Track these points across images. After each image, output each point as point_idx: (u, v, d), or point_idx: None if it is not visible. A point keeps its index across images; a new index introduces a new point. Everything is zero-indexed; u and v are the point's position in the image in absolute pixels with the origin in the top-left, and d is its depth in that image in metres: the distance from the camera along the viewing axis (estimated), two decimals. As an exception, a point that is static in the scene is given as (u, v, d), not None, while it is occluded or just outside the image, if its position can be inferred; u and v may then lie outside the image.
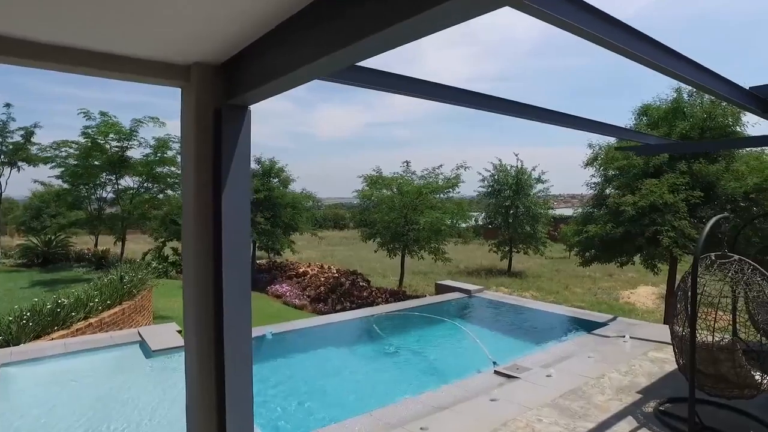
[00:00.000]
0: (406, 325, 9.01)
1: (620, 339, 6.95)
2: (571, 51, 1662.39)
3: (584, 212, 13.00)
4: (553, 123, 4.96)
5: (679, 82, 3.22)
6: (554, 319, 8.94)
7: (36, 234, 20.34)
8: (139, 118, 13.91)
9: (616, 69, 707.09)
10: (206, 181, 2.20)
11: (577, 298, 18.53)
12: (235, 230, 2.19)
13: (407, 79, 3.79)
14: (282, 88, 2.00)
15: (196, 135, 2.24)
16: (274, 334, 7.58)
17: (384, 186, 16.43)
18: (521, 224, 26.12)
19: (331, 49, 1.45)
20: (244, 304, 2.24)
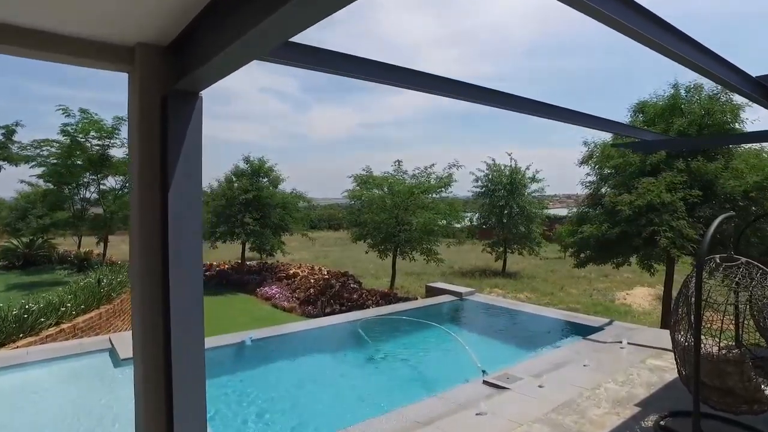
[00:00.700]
0: (393, 330, 8.64)
1: (617, 345, 6.60)
2: (566, 52, 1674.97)
3: (579, 212, 12.66)
4: (548, 117, 4.66)
5: (682, 65, 2.85)
6: (548, 323, 8.59)
7: (16, 235, 19.82)
8: (121, 116, 13.46)
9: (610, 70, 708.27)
10: (153, 176, 2.06)
11: (572, 300, 18.22)
12: (185, 230, 2.07)
13: (389, 67, 3.45)
14: (233, 67, 1.83)
15: (142, 125, 2.09)
16: (254, 339, 7.19)
17: (375, 186, 16.05)
18: (516, 224, 25.81)
19: (274, 18, 1.29)
20: (195, 312, 2.15)
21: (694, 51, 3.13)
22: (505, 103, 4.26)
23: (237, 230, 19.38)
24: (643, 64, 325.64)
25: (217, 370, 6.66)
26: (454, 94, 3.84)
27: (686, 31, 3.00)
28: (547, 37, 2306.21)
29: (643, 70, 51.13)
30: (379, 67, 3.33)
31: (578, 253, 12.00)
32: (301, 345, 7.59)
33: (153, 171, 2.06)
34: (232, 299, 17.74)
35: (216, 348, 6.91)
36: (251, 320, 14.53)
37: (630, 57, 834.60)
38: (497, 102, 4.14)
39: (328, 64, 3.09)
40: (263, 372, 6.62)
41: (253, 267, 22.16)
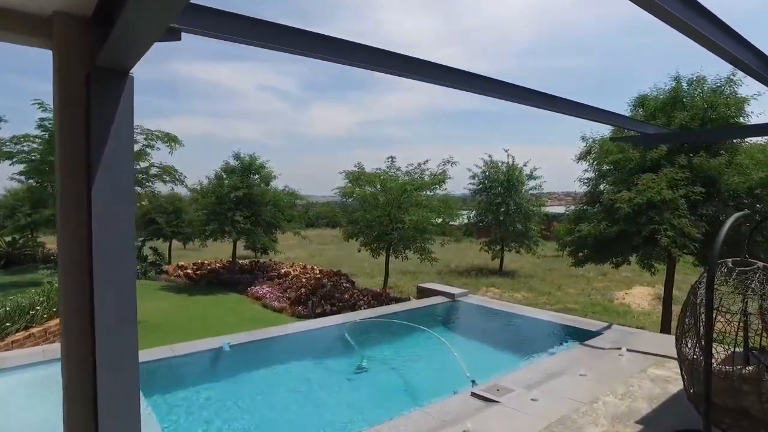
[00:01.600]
0: (381, 334, 8.22)
1: (616, 352, 6.18)
2: (564, 51, 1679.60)
3: (577, 210, 12.22)
4: (549, 108, 4.34)
5: (692, 39, 2.42)
6: (543, 327, 8.17)
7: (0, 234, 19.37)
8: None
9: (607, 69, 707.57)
10: (76, 164, 1.88)
11: (570, 299, 17.82)
12: (113, 225, 1.89)
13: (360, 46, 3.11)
14: (158, 37, 1.67)
15: (64, 107, 1.90)
16: (232, 345, 6.74)
17: (367, 183, 15.60)
18: (513, 222, 25.43)
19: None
20: (126, 315, 2.00)
21: (705, 22, 2.72)
22: (507, 93, 3.98)
23: (227, 228, 18.92)
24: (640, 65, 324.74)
25: (188, 379, 6.23)
26: (453, 83, 3.56)
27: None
28: (546, 36, 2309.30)
29: (641, 70, 50.26)
30: (376, 54, 3.14)
31: (576, 253, 11.57)
32: (283, 351, 7.16)
33: (76, 159, 1.88)
34: (222, 299, 17.31)
35: (190, 354, 6.48)
36: (239, 321, 14.10)
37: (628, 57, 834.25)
38: (498, 92, 3.86)
39: (319, 50, 2.91)
40: (238, 381, 6.19)
41: (246, 266, 21.74)
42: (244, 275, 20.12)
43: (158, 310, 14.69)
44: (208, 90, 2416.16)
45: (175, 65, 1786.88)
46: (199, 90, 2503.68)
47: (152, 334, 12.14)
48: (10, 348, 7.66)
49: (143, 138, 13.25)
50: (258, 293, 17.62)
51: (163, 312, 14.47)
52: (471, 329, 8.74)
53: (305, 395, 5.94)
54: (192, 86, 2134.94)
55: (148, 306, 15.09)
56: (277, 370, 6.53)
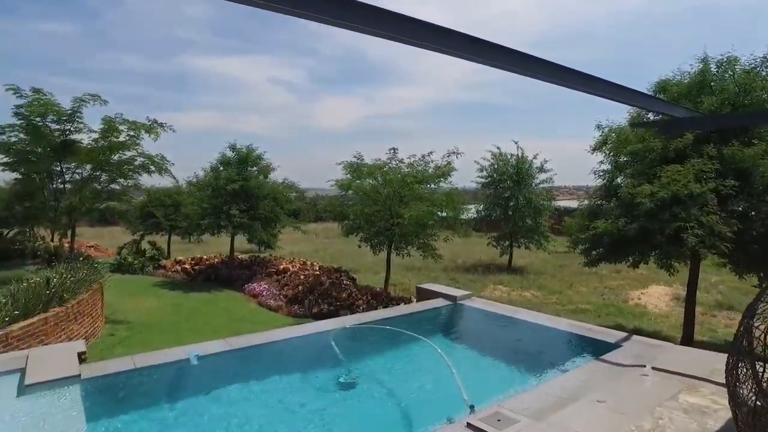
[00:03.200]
0: (372, 343, 7.42)
1: (639, 370, 5.32)
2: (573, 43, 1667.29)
3: (591, 205, 11.29)
4: (565, 84, 3.49)
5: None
6: (554, 337, 7.30)
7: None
8: (80, 96, 12.20)
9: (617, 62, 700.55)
10: None
11: (582, 299, 16.91)
12: None
13: None
14: None
15: None
16: (201, 356, 5.98)
17: (367, 175, 14.76)
18: (522, 217, 24.54)
19: None
20: None
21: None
22: (515, 64, 3.18)
23: (223, 223, 18.22)
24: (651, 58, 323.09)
25: (144, 398, 5.48)
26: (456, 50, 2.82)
27: None
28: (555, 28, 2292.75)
29: (652, 63, 47.60)
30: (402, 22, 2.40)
31: (589, 251, 10.68)
32: (260, 363, 6.39)
33: None
34: (216, 297, 16.63)
35: (152, 367, 5.72)
36: (229, 321, 13.39)
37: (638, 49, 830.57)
38: (503, 62, 3.07)
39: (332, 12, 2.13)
40: (199, 403, 5.41)
41: (245, 261, 21.06)
42: (243, 271, 19.43)
43: (149, 308, 14.03)
44: (218, 83, 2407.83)
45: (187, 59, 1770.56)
46: (209, 83, 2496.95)
47: (137, 335, 11.46)
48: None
49: (126, 128, 12.52)
50: (254, 290, 16.92)
51: (153, 311, 13.81)
52: (472, 338, 7.90)
53: (284, 417, 5.16)
54: (203, 80, 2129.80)
55: (139, 304, 14.44)
56: (250, 388, 5.74)
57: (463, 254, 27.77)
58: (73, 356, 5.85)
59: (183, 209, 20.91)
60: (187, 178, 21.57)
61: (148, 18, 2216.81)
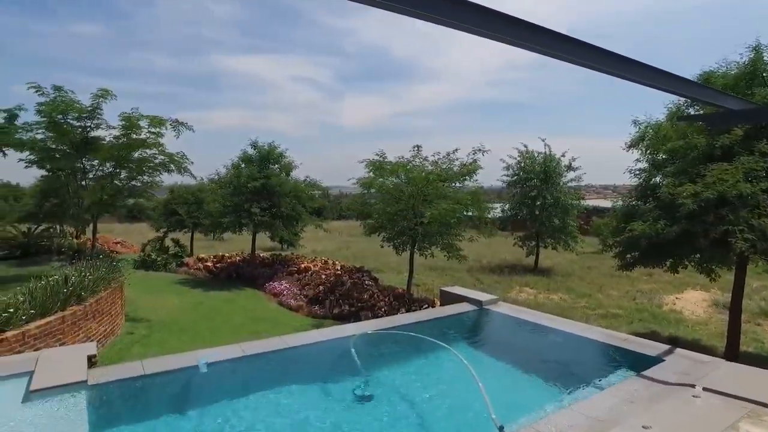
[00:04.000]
0: (394, 351, 7.05)
1: (687, 390, 4.79)
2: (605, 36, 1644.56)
3: (626, 205, 10.65)
4: (609, 71, 3.11)
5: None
6: (587, 347, 6.79)
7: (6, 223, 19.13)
8: (97, 92, 12.15)
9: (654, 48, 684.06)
10: None
11: (612, 303, 16.20)
12: None
13: None
14: None
15: None
16: (211, 363, 5.70)
17: (390, 173, 14.36)
18: (549, 217, 23.83)
19: None
20: None
21: None
22: (556, 48, 2.84)
23: (244, 221, 18.08)
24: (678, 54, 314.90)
25: (149, 408, 5.22)
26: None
27: None
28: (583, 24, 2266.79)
29: (680, 59, 45.08)
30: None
31: (624, 254, 10.06)
32: (272, 371, 6.08)
33: None
34: (237, 296, 16.51)
35: (159, 374, 5.46)
36: (248, 321, 13.21)
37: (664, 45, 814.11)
38: (544, 45, 2.71)
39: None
40: (210, 414, 5.11)
41: (267, 259, 20.97)
42: (264, 269, 19.33)
43: (169, 306, 13.96)
44: (244, 82, 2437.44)
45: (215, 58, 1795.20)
46: (237, 82, 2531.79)
47: (156, 334, 11.35)
48: (-22, 355, 6.87)
49: (145, 124, 12.40)
50: (275, 289, 16.75)
51: (174, 309, 13.73)
52: (499, 347, 7.43)
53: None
54: (231, 79, 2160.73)
55: (160, 302, 14.40)
56: (261, 398, 5.43)
57: (487, 254, 27.19)
58: (83, 360, 5.64)
59: (205, 207, 20.91)
60: (209, 176, 21.59)
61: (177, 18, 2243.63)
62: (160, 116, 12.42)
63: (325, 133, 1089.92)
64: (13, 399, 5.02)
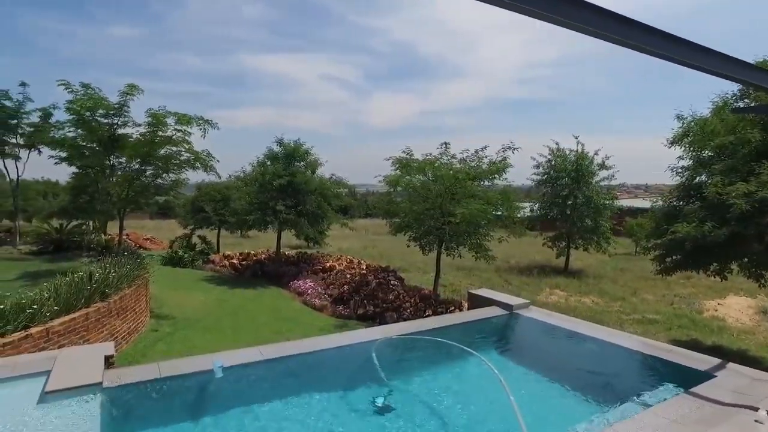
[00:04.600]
0: (418, 357, 6.73)
1: (748, 414, 4.31)
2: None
3: (666, 205, 10.05)
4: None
5: None
6: (627, 358, 6.31)
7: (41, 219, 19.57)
8: (124, 89, 12.18)
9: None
10: None
11: (648, 308, 15.48)
12: None
13: None
14: None
15: None
16: (228, 367, 5.49)
17: (417, 171, 14.01)
18: (581, 217, 23.09)
19: None
20: None
21: None
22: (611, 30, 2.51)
23: (269, 218, 18.01)
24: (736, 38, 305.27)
25: (161, 414, 5.02)
26: None
27: None
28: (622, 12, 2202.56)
29: (738, 43, 42.69)
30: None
31: (664, 257, 9.48)
32: (289, 377, 5.83)
33: None
34: (261, 294, 16.44)
35: (175, 378, 5.27)
36: (272, 320, 13.08)
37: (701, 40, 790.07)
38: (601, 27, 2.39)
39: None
40: (224, 421, 4.89)
41: (292, 257, 20.89)
42: (289, 268, 19.24)
43: (194, 303, 13.95)
44: (273, 81, 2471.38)
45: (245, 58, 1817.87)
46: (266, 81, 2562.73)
47: (180, 332, 11.30)
48: (1, 351, 6.85)
49: (172, 121, 12.36)
50: (300, 288, 16.62)
51: (199, 306, 13.71)
52: (531, 356, 7.00)
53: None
54: (259, 78, 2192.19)
55: (185, 299, 14.42)
56: (278, 406, 5.18)
57: (516, 254, 26.57)
58: (100, 360, 5.50)
59: (232, 204, 20.98)
60: (235, 173, 21.65)
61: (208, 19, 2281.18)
62: (187, 114, 12.37)
63: (352, 132, 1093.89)
64: (29, 400, 4.89)
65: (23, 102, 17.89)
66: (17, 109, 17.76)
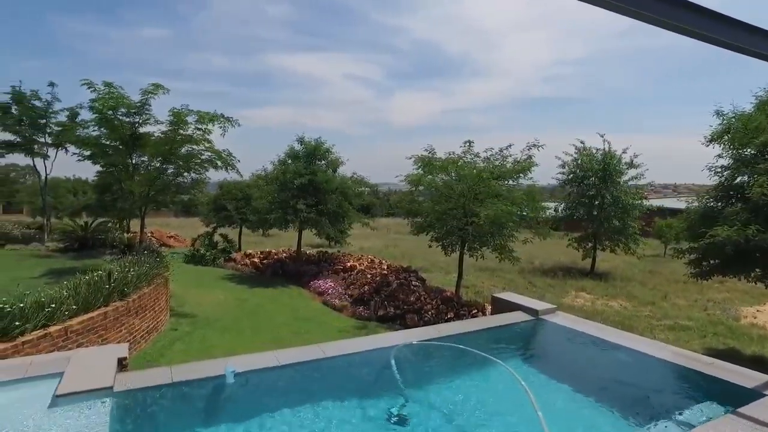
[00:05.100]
0: (439, 365, 6.45)
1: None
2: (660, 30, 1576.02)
3: (703, 206, 9.53)
4: None
5: None
6: (663, 370, 5.90)
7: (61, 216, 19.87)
8: (147, 87, 12.18)
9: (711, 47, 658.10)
10: None
11: (680, 313, 14.86)
12: None
13: None
14: None
15: None
16: (241, 373, 5.30)
17: (439, 170, 13.69)
18: (608, 217, 22.43)
19: None
20: None
21: None
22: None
23: (290, 217, 17.91)
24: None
25: (171, 421, 4.86)
26: None
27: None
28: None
29: None
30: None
31: (701, 261, 8.97)
32: (303, 384, 5.61)
33: None
34: (282, 293, 16.35)
35: (188, 383, 5.11)
36: (291, 320, 12.94)
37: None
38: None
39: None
40: (234, 430, 4.70)
41: (312, 257, 20.79)
42: (310, 267, 19.14)
43: (214, 302, 13.93)
44: (296, 80, 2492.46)
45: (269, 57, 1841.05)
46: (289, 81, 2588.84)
47: (199, 331, 11.24)
48: (20, 350, 6.83)
49: (193, 120, 12.31)
50: (320, 288, 16.49)
51: (218, 305, 13.67)
52: (559, 365, 6.64)
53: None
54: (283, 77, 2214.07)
55: (205, 297, 14.41)
56: (292, 417, 4.96)
57: (540, 255, 26.01)
58: (113, 362, 5.38)
59: (253, 203, 21.01)
60: (256, 171, 21.63)
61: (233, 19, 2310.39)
62: (209, 112, 12.30)
63: (375, 130, 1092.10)
64: (40, 403, 4.78)
65: (51, 102, 18.22)
66: (46, 108, 18.10)
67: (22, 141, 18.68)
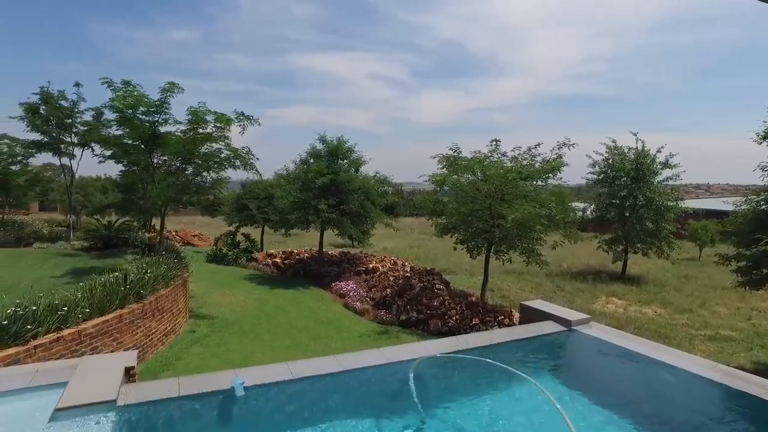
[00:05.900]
0: (462, 380, 6.01)
1: None
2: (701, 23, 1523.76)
3: (754, 209, 8.83)
4: None
5: None
6: (716, 394, 5.34)
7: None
8: (164, 86, 12.05)
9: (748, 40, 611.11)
10: None
11: (721, 322, 14.01)
12: None
13: None
14: None
15: None
16: (251, 387, 4.98)
17: (464, 169, 13.20)
18: (641, 219, 21.53)
19: None
20: None
21: None
22: None
23: (311, 217, 17.66)
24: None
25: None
26: None
27: None
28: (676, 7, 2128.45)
29: None
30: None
31: (750, 270, 8.30)
32: (316, 400, 5.25)
33: None
34: (303, 294, 16.11)
35: (195, 396, 4.81)
36: (311, 323, 12.65)
37: None
38: None
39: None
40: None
41: (334, 257, 20.52)
42: (332, 268, 18.87)
43: (234, 303, 13.74)
44: (321, 79, 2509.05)
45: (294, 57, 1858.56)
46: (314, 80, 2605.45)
47: (217, 334, 11.03)
48: (32, 354, 6.68)
49: (212, 119, 12.12)
50: (342, 290, 16.19)
51: (238, 306, 13.48)
52: (597, 384, 6.09)
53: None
54: (308, 77, 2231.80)
55: (226, 298, 14.24)
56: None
57: (568, 257, 25.20)
58: (119, 373, 5.11)
59: (275, 202, 20.89)
60: (278, 171, 21.46)
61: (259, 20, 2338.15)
62: (226, 114, 12.11)
63: (400, 129, 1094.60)
64: (41, 415, 4.54)
65: (77, 102, 18.42)
66: (72, 108, 18.32)
67: (49, 140, 18.96)
